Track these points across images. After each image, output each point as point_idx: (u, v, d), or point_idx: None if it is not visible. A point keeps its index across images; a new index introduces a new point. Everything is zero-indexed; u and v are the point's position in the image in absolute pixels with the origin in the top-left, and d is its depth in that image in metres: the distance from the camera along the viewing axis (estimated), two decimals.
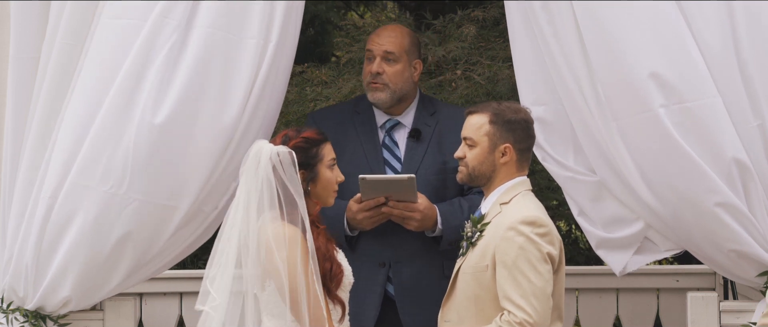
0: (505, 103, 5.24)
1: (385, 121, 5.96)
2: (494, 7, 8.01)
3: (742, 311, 5.57)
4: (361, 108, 6.00)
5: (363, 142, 5.81)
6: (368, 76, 5.89)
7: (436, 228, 5.77)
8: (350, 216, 5.72)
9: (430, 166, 5.86)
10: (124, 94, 5.35)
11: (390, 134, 5.95)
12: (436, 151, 5.88)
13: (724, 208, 5.32)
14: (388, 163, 5.90)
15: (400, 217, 5.72)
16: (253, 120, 5.52)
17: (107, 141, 5.35)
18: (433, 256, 5.84)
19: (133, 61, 5.35)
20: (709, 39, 5.34)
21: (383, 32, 5.95)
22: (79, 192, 5.36)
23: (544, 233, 5.05)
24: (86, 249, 5.39)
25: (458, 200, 5.84)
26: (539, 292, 4.99)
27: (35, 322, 5.52)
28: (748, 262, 5.42)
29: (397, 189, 5.64)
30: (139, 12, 5.39)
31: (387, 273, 5.84)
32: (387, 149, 5.93)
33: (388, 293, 5.85)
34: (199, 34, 5.41)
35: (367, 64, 5.90)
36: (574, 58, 5.44)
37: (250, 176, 4.91)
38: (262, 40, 5.47)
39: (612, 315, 7.19)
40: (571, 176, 5.58)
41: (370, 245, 5.51)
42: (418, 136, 5.91)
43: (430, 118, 5.95)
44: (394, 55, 5.88)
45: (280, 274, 4.83)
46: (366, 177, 5.59)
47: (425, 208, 5.72)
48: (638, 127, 5.33)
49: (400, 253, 5.83)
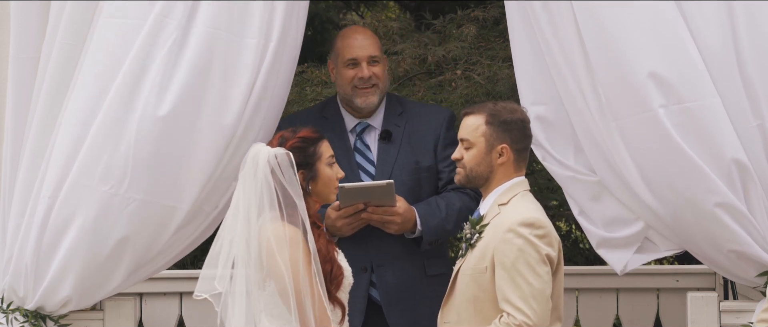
0: (502, 104, 5.23)
1: (355, 125, 5.96)
2: (494, 7, 8.01)
3: (742, 311, 5.56)
4: (328, 113, 6.00)
5: (335, 147, 5.80)
6: (354, 81, 5.87)
7: (416, 229, 5.78)
8: (329, 223, 5.70)
9: (404, 166, 5.87)
10: (124, 94, 5.34)
11: (361, 137, 5.95)
12: (408, 151, 5.88)
13: (723, 209, 5.32)
14: (362, 167, 5.90)
15: (380, 222, 5.72)
16: (253, 120, 5.52)
17: (107, 141, 5.35)
18: (415, 257, 5.85)
19: (133, 61, 5.35)
20: (709, 39, 5.34)
21: (359, 37, 5.96)
22: (79, 192, 5.36)
23: (543, 235, 5.05)
24: (86, 249, 5.39)
25: (435, 199, 5.84)
26: (538, 294, 4.98)
27: (35, 322, 5.51)
28: (748, 263, 5.42)
29: (376, 195, 5.64)
30: (139, 12, 5.38)
31: (370, 277, 5.83)
32: (359, 153, 5.93)
33: (372, 298, 5.85)
34: (199, 33, 5.40)
35: (349, 70, 5.88)
36: (574, 58, 5.44)
37: (249, 180, 4.91)
38: (262, 39, 5.47)
39: (612, 315, 7.19)
40: (572, 176, 5.58)
41: (351, 251, 5.50)
42: (389, 137, 5.91)
43: (399, 118, 5.96)
44: (377, 56, 5.92)
45: (282, 275, 4.83)
46: (344, 186, 5.56)
47: (405, 211, 5.72)
48: (638, 127, 5.33)
49: (382, 257, 5.83)
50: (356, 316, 5.72)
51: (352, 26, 6.33)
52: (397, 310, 5.81)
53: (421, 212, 5.78)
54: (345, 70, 5.91)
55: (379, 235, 5.79)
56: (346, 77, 5.91)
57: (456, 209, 5.81)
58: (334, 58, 6.00)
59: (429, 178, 5.91)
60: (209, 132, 5.42)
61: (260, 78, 5.48)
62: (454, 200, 5.84)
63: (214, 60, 5.41)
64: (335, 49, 5.98)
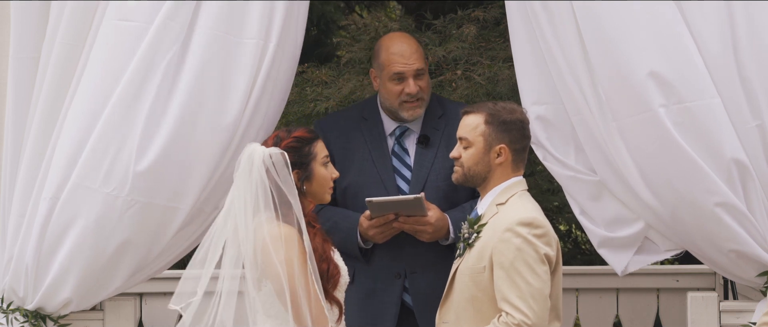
0: (501, 104, 5.24)
1: (395, 128, 5.91)
2: (494, 7, 8.00)
3: (742, 311, 5.57)
4: (367, 113, 5.95)
5: (372, 150, 5.77)
6: (402, 96, 5.79)
7: (449, 236, 5.76)
8: (362, 231, 5.72)
9: (440, 171, 5.81)
10: (128, 97, 5.34)
11: (399, 141, 5.91)
12: (445, 156, 5.78)
13: (723, 209, 5.32)
14: (398, 172, 5.87)
15: (411, 231, 5.71)
16: (253, 120, 5.52)
17: (111, 143, 5.35)
18: (447, 263, 5.79)
19: (138, 64, 5.35)
20: (709, 39, 5.34)
21: (405, 49, 5.82)
22: (82, 194, 5.36)
23: (542, 234, 5.05)
24: (88, 251, 5.39)
25: (470, 205, 5.78)
26: (537, 294, 4.98)
27: (35, 322, 5.52)
28: (748, 262, 5.42)
29: (405, 207, 5.63)
30: (144, 14, 5.38)
31: (403, 283, 5.82)
32: (397, 157, 5.90)
33: (405, 303, 5.84)
34: (200, 35, 5.41)
35: (395, 85, 5.79)
36: (574, 58, 5.44)
37: (244, 180, 4.91)
38: (261, 40, 5.47)
39: (612, 315, 7.19)
40: (572, 175, 5.58)
41: (385, 257, 5.50)
42: (427, 142, 5.87)
43: (439, 121, 5.90)
44: (422, 69, 5.84)
45: (278, 275, 4.83)
46: (372, 200, 5.57)
47: (437, 220, 5.69)
48: (638, 127, 5.33)
49: (416, 264, 5.81)
50: (388, 322, 5.74)
51: (393, 34, 6.11)
52: (430, 315, 5.78)
53: (455, 219, 5.72)
54: (390, 84, 5.81)
55: (413, 242, 5.77)
56: (392, 91, 5.82)
57: None
58: (377, 68, 5.89)
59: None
60: (210, 133, 5.43)
61: (260, 79, 5.49)
62: None
63: (214, 62, 5.42)
64: (379, 60, 5.86)
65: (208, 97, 5.41)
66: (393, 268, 5.77)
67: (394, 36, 6.03)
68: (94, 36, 5.46)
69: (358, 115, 5.97)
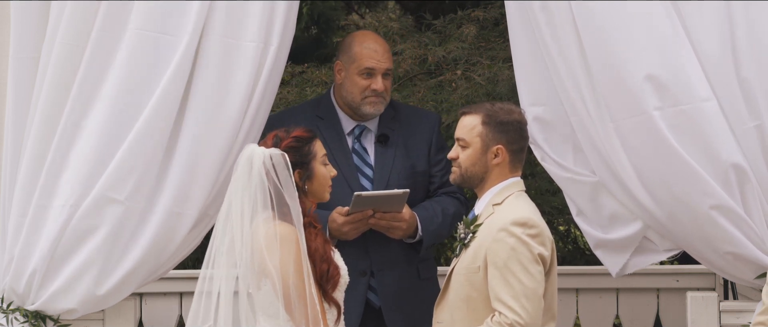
0: (499, 104, 5.23)
1: (354, 127, 5.95)
2: (494, 7, 8.01)
3: (742, 311, 5.56)
4: (322, 112, 5.98)
5: (332, 149, 5.77)
6: (367, 91, 5.86)
7: (417, 234, 5.80)
8: (335, 227, 5.71)
9: (401, 170, 5.88)
10: (160, 108, 5.35)
11: (359, 140, 5.95)
12: (404, 156, 5.90)
13: (719, 211, 5.31)
14: (360, 170, 5.90)
15: (385, 227, 5.74)
16: (254, 122, 5.55)
17: (138, 155, 5.35)
18: (411, 261, 5.88)
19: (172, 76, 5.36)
20: (707, 39, 5.34)
21: (378, 47, 5.90)
22: (105, 204, 5.35)
23: (536, 234, 5.05)
24: (101, 262, 5.39)
25: (431, 204, 5.87)
26: (530, 293, 4.98)
27: (35, 322, 5.51)
28: (745, 264, 5.42)
29: (389, 203, 5.65)
30: (173, 26, 5.38)
31: (368, 281, 5.84)
32: (357, 155, 5.92)
33: (370, 301, 5.86)
34: (204, 40, 5.42)
35: (363, 79, 5.85)
36: (572, 59, 5.44)
37: (244, 181, 4.91)
38: (261, 43, 5.48)
39: (612, 315, 7.19)
40: (570, 176, 5.58)
41: (350, 254, 5.53)
42: (386, 141, 5.92)
43: (393, 122, 5.96)
44: (391, 69, 5.92)
45: (272, 275, 4.83)
46: (361, 194, 5.59)
47: (409, 217, 5.75)
48: (634, 129, 5.33)
49: (382, 261, 5.85)
50: (352, 319, 5.71)
51: (367, 32, 6.25)
52: (396, 313, 5.82)
53: (422, 217, 5.80)
54: (358, 78, 5.87)
55: (379, 240, 5.80)
56: (358, 85, 5.87)
57: (450, 214, 5.85)
58: (346, 61, 5.92)
59: (423, 183, 5.93)
60: (215, 137, 5.45)
61: (261, 82, 5.50)
62: (448, 205, 5.87)
63: (217, 66, 5.43)
64: (350, 53, 5.91)
65: (211, 102, 5.43)
66: (358, 265, 5.76)
67: (368, 33, 6.17)
68: (95, 36, 5.44)
69: (312, 115, 5.98)
